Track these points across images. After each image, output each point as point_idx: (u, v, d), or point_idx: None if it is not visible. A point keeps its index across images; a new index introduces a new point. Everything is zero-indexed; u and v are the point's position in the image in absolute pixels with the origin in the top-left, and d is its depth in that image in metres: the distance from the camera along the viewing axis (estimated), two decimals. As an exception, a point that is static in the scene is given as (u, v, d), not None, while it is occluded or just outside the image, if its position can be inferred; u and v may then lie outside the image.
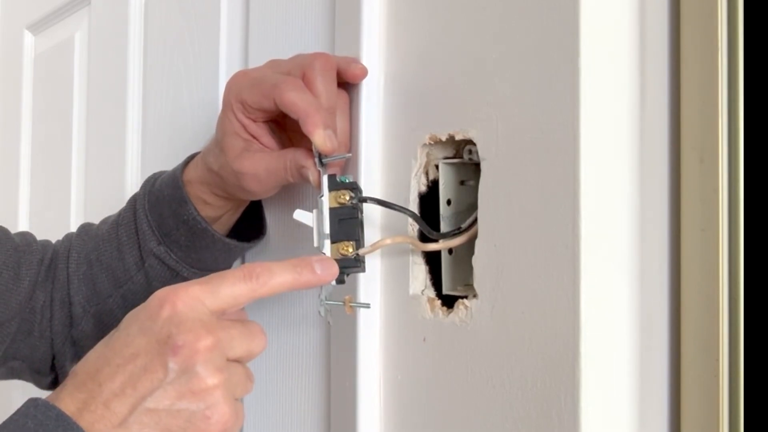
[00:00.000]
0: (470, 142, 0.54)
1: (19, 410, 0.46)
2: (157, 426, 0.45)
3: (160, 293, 0.48)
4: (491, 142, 0.52)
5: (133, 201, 0.70)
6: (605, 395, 0.48)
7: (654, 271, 0.52)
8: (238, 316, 0.50)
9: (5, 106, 1.30)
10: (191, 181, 0.66)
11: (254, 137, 0.60)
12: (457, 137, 0.55)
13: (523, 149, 0.50)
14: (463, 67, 0.54)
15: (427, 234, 0.56)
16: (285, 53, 0.69)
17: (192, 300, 0.47)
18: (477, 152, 0.53)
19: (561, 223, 0.47)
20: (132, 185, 0.93)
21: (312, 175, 0.56)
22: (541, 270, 0.48)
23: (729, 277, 0.48)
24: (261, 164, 0.59)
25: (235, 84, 0.60)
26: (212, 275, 0.49)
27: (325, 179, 0.55)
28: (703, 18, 0.49)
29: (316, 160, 0.55)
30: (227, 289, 0.48)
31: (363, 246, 0.55)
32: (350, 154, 0.58)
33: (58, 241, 0.76)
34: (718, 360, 0.48)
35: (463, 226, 0.55)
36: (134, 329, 0.47)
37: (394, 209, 0.56)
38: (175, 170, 0.68)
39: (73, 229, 0.79)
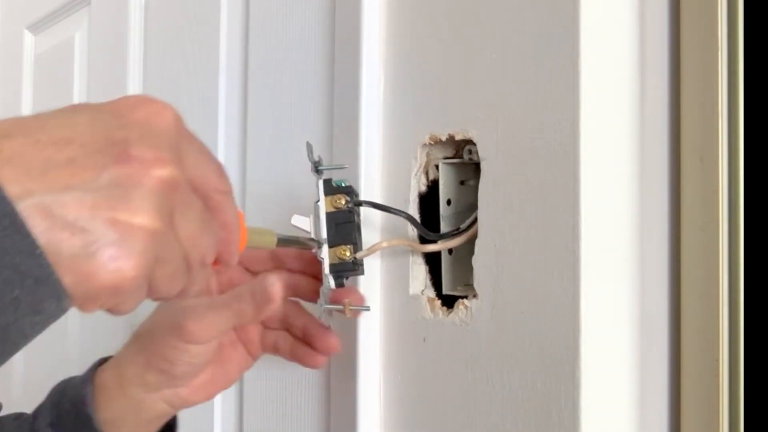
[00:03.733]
0: (470, 142, 0.54)
1: None
2: (43, 234, 0.31)
3: (145, 96, 0.37)
4: (491, 142, 0.52)
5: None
6: (605, 395, 0.48)
7: (654, 271, 0.52)
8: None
9: (5, 106, 1.30)
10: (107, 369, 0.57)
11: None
12: (457, 137, 0.55)
13: (523, 149, 0.50)
14: (463, 67, 0.54)
15: (424, 236, 0.56)
16: (285, 53, 0.70)
17: (179, 126, 0.37)
18: (477, 152, 0.53)
19: (561, 223, 0.47)
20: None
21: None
22: (541, 270, 0.48)
23: (729, 277, 0.48)
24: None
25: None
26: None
27: (320, 184, 0.55)
28: (703, 18, 0.49)
29: (312, 167, 0.56)
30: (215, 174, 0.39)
31: (361, 249, 0.55)
32: (347, 166, 0.58)
33: None
34: (718, 360, 0.48)
35: (462, 226, 0.55)
36: (84, 115, 0.35)
37: (390, 212, 0.56)
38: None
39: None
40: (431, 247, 0.56)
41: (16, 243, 0.30)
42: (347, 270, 0.54)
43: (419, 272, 0.58)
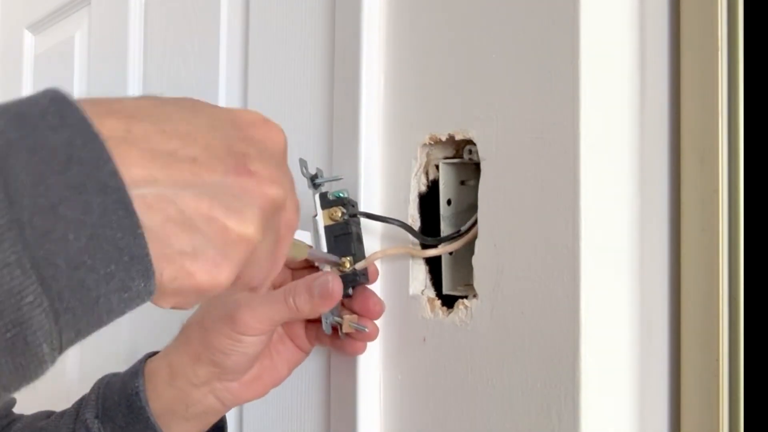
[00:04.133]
0: (470, 142, 0.54)
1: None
2: (162, 219, 0.32)
3: (262, 115, 0.38)
4: (491, 142, 0.52)
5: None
6: (605, 395, 0.48)
7: (654, 271, 0.52)
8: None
9: (5, 106, 1.30)
10: (157, 359, 0.58)
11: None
12: (457, 137, 0.55)
13: (523, 149, 0.50)
14: (463, 67, 0.54)
15: (421, 241, 0.56)
16: (285, 53, 0.70)
17: (285, 152, 0.38)
18: (477, 152, 0.53)
19: (561, 223, 0.47)
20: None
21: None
22: (541, 270, 0.48)
23: (729, 277, 0.48)
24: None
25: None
26: None
27: (317, 198, 0.56)
28: (703, 18, 0.49)
29: (308, 182, 0.56)
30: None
31: (363, 257, 0.56)
32: (342, 178, 0.58)
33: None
34: (718, 360, 0.48)
35: (463, 229, 0.55)
36: (205, 117, 0.35)
37: (386, 221, 0.57)
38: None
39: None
40: (431, 252, 0.56)
41: (120, 219, 0.30)
42: (349, 281, 0.55)
43: (419, 272, 0.58)
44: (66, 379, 1.02)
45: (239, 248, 0.34)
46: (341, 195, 0.56)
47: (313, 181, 0.56)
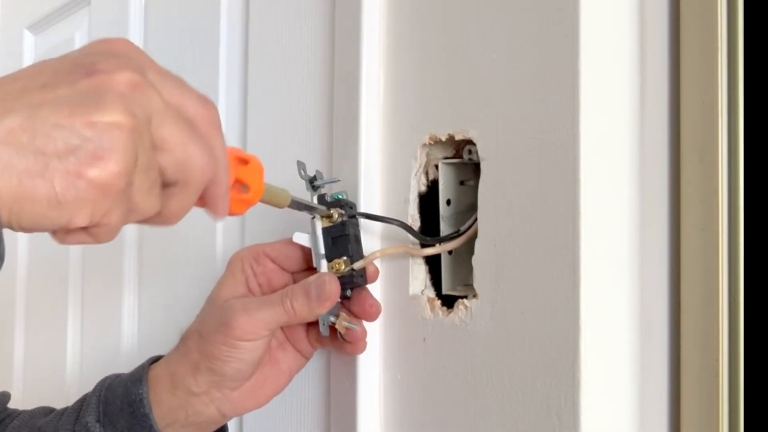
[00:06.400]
0: (470, 142, 0.54)
1: None
2: (29, 144, 0.33)
3: (101, 37, 0.40)
4: (491, 142, 0.52)
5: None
6: (605, 395, 0.48)
7: (654, 271, 0.52)
8: None
9: (5, 106, 1.30)
10: (159, 368, 0.58)
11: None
12: (457, 137, 0.55)
13: (523, 149, 0.50)
14: (463, 67, 0.54)
15: (420, 241, 0.57)
16: (285, 53, 0.70)
17: (142, 55, 0.39)
18: (477, 152, 0.53)
19: (561, 223, 0.47)
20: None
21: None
22: (541, 270, 0.48)
23: (729, 277, 0.48)
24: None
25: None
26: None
27: (315, 200, 0.56)
28: (703, 18, 0.49)
29: (306, 184, 0.56)
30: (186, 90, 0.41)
31: (360, 259, 0.56)
32: (341, 180, 0.58)
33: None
34: (718, 360, 0.48)
35: (462, 229, 0.55)
36: (51, 60, 0.38)
37: (385, 221, 0.57)
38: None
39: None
40: (429, 251, 0.56)
41: None
42: (346, 282, 0.55)
43: (419, 272, 0.58)
44: (66, 380, 1.02)
45: (115, 134, 0.35)
46: (340, 197, 0.56)
47: (312, 184, 0.56)
